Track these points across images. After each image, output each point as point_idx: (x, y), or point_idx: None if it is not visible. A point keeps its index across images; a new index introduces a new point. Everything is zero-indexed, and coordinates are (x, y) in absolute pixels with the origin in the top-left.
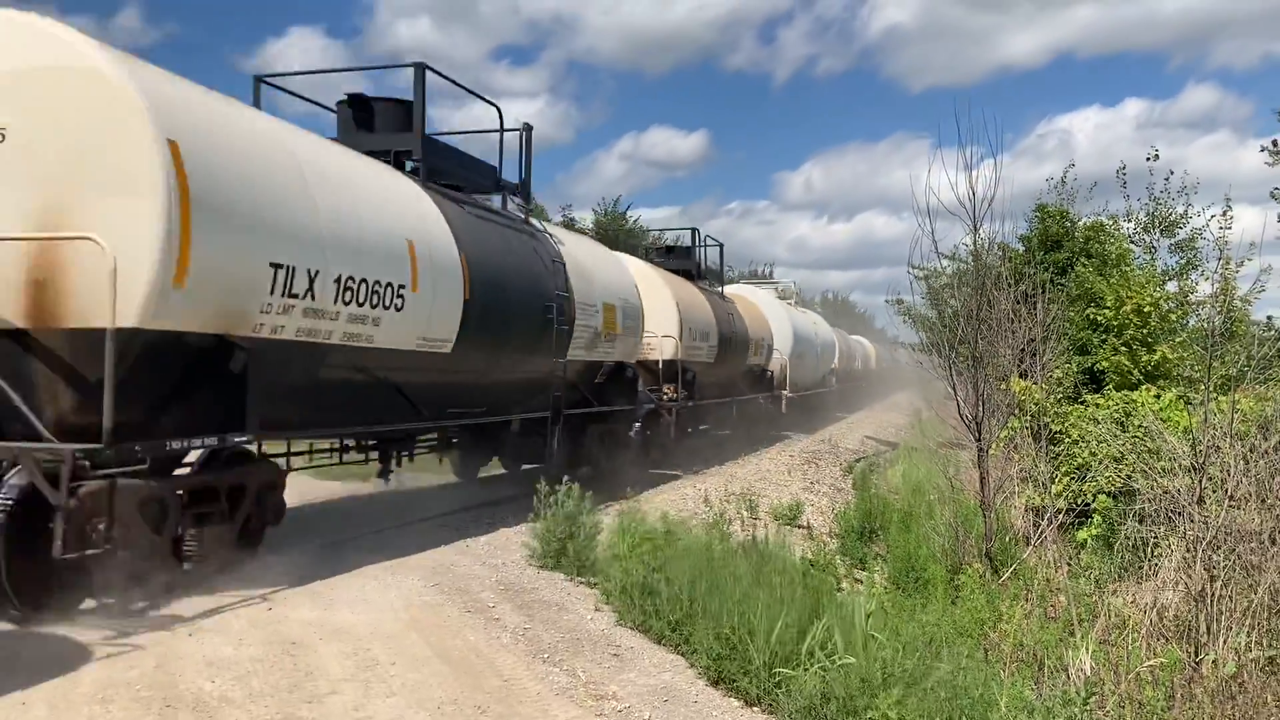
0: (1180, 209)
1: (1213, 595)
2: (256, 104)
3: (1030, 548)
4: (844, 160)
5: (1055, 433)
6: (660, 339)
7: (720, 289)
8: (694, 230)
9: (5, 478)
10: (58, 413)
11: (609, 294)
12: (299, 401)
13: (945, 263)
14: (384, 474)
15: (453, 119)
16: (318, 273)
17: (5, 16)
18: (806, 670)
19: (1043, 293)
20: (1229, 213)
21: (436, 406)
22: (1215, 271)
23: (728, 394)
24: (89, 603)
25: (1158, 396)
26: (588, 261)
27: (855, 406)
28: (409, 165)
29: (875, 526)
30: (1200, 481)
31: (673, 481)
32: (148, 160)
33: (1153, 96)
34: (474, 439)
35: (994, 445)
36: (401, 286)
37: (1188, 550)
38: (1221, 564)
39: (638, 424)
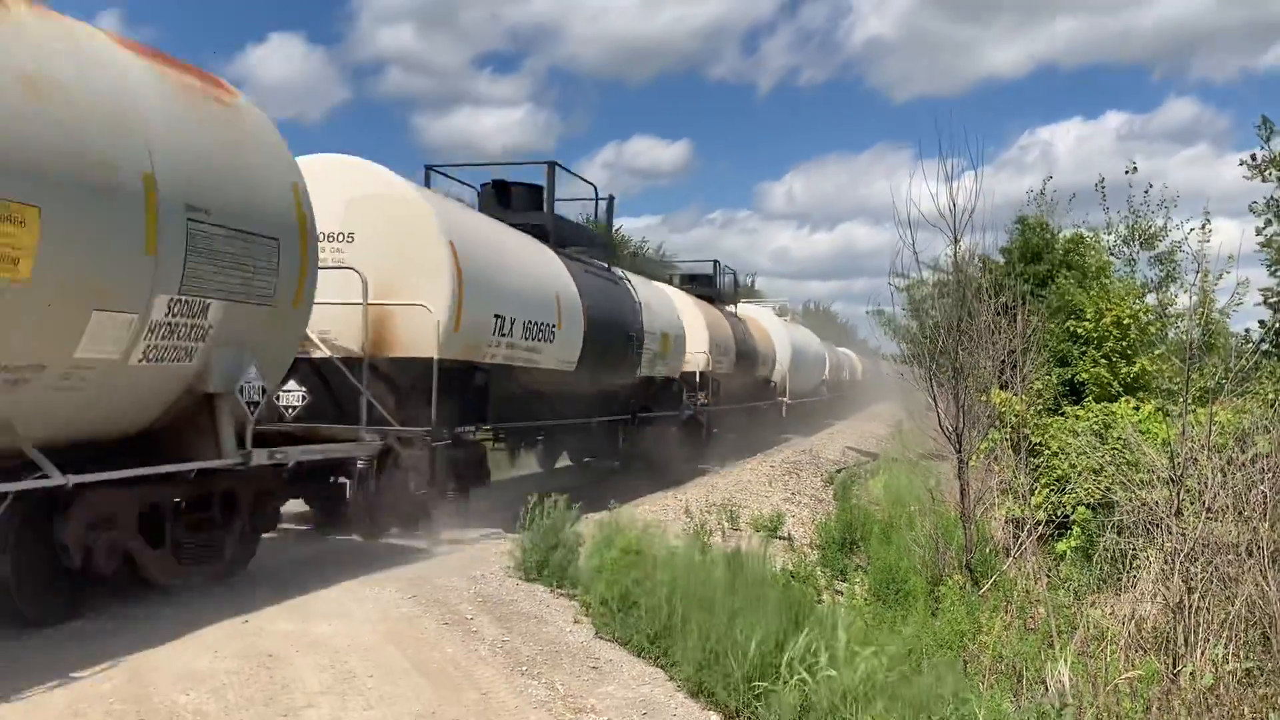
0: (1160, 222)
1: (1190, 607)
2: (427, 183)
3: (1010, 559)
4: (826, 171)
5: (1035, 444)
6: (694, 355)
7: (734, 309)
8: (715, 261)
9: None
10: (386, 409)
11: (664, 324)
12: (506, 404)
13: (926, 274)
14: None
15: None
16: (514, 319)
17: (349, 161)
18: (786, 683)
19: (1023, 304)
20: (1208, 226)
21: (562, 410)
22: (1194, 284)
23: (742, 401)
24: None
25: (1137, 409)
26: (651, 299)
27: (843, 414)
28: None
29: (856, 538)
30: (1178, 494)
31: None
32: (440, 254)
33: (1133, 109)
34: (564, 435)
35: (974, 457)
36: (552, 325)
37: (1166, 562)
38: (1199, 576)
39: (677, 426)
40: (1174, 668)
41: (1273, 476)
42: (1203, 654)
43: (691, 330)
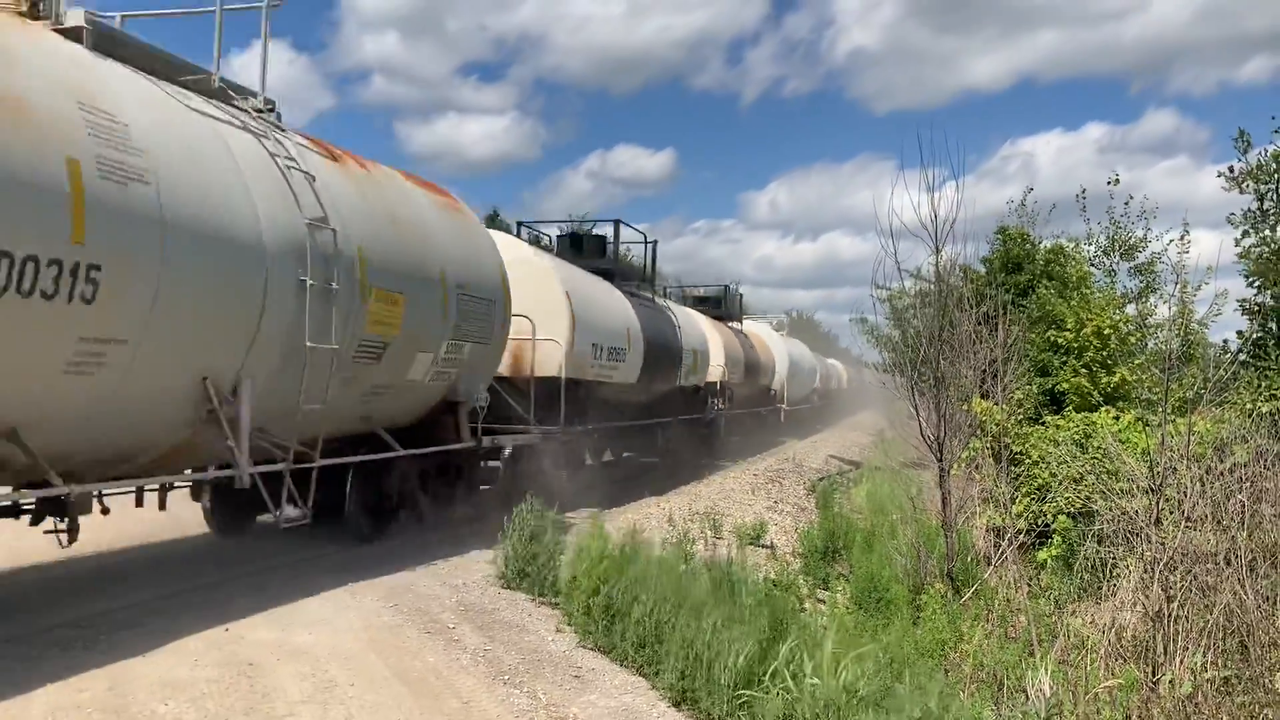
0: (1140, 233)
1: (1170, 616)
2: (517, 233)
3: (991, 568)
4: (809, 181)
5: (1016, 453)
6: (714, 367)
7: (740, 326)
8: (727, 286)
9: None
10: (525, 413)
11: (694, 343)
12: (595, 410)
13: (908, 283)
14: (595, 456)
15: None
16: (602, 346)
17: (505, 239)
18: (769, 691)
19: (1004, 314)
20: (1187, 237)
21: (625, 413)
22: (1173, 295)
23: (748, 407)
24: None
25: (1117, 418)
26: (683, 323)
27: (832, 421)
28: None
29: (838, 546)
30: (1158, 503)
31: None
32: (561, 302)
33: (1114, 121)
34: (626, 433)
35: (956, 466)
36: (624, 350)
37: (1145, 571)
38: (1178, 585)
39: (703, 427)
40: (1153, 676)
41: (1250, 486)
42: (1182, 662)
43: (712, 347)
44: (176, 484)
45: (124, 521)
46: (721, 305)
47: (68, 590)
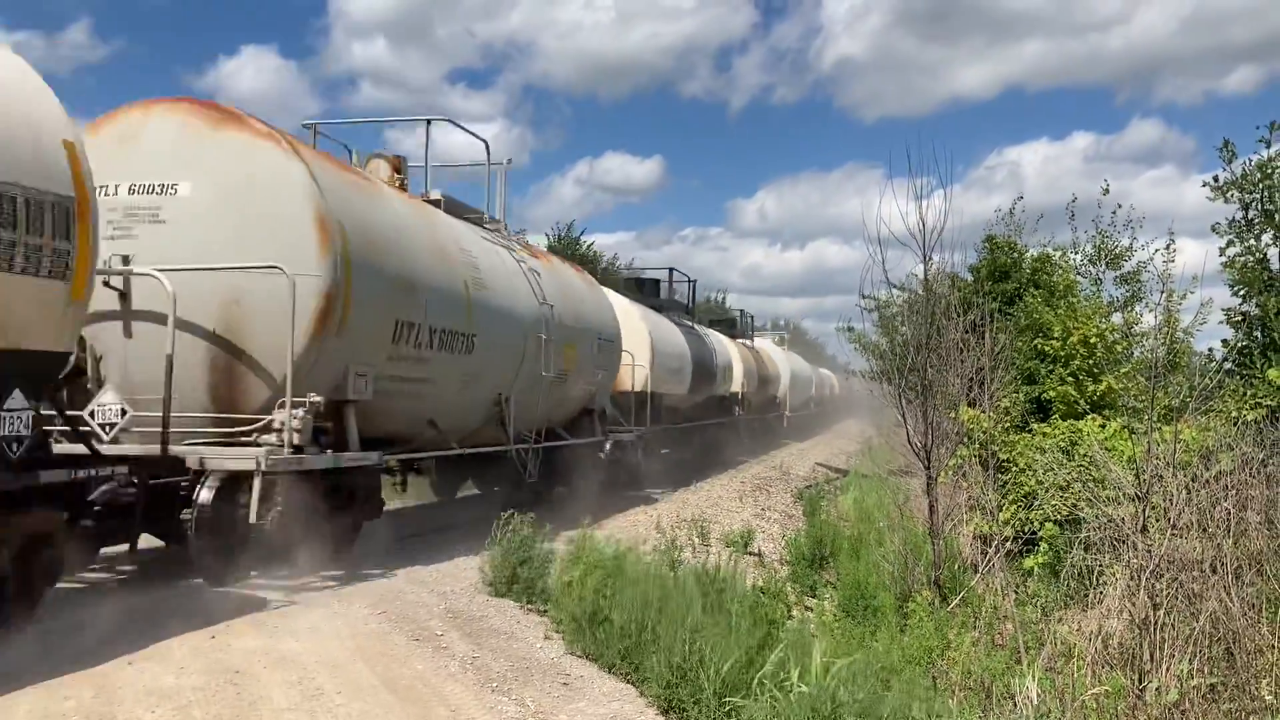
0: (1125, 242)
1: (1156, 623)
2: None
3: (978, 575)
4: (797, 189)
5: (1003, 461)
6: (736, 379)
7: (751, 343)
8: (741, 311)
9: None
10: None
11: (724, 360)
12: (669, 414)
13: (896, 292)
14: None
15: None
16: (669, 367)
17: (607, 291)
18: (757, 700)
19: (991, 322)
20: (1173, 246)
21: (679, 418)
22: (1159, 304)
23: (759, 413)
24: None
25: (1103, 426)
26: (717, 345)
27: (825, 427)
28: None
29: (825, 554)
30: (1144, 510)
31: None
32: (645, 336)
33: (1100, 130)
34: (678, 433)
35: (943, 473)
36: (682, 369)
37: (1132, 578)
38: (1164, 592)
39: (729, 429)
40: (1140, 683)
41: (1236, 494)
42: (1168, 669)
43: (735, 363)
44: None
45: None
46: (736, 326)
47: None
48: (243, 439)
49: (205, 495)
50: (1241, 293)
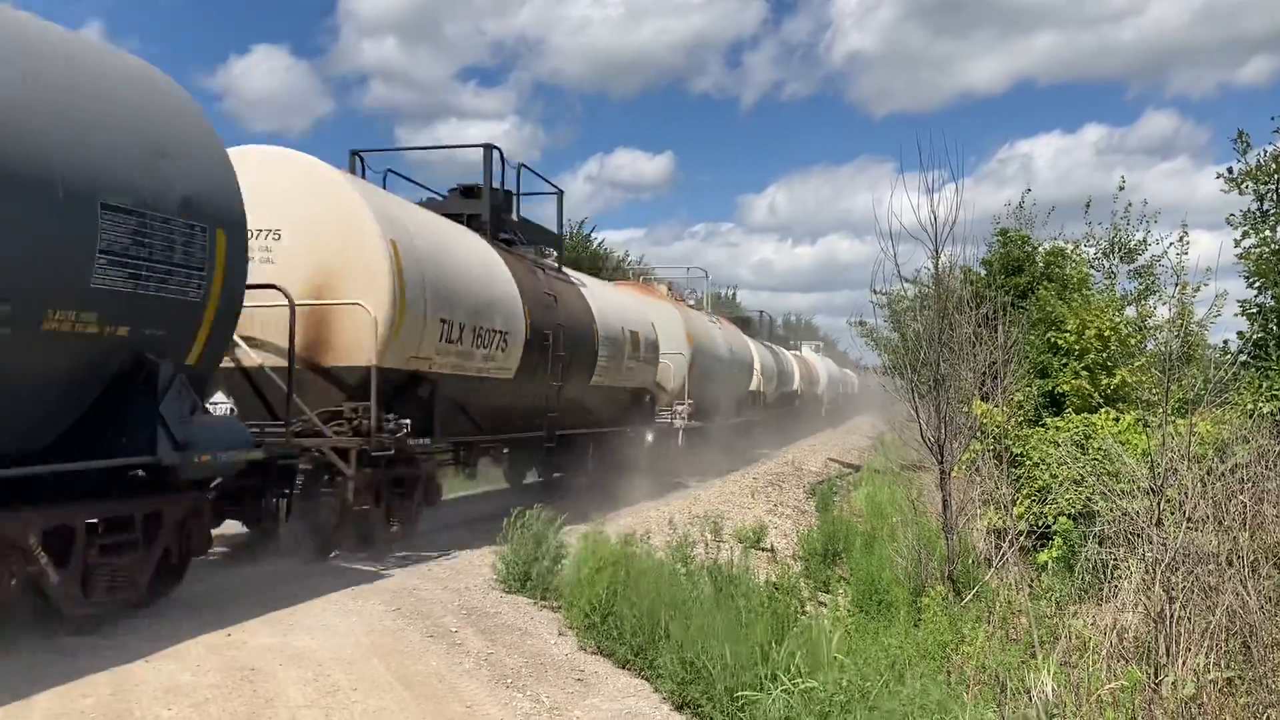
0: (1140, 235)
1: (1172, 617)
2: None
3: (992, 570)
4: (808, 184)
5: (1016, 455)
6: (795, 381)
7: (801, 353)
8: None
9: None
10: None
11: (787, 367)
12: (762, 410)
13: (907, 286)
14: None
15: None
16: (774, 378)
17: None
18: (770, 694)
19: (1004, 316)
20: (1185, 238)
21: (769, 408)
22: (1173, 296)
23: (806, 404)
24: None
25: (1116, 420)
26: (786, 356)
27: (845, 419)
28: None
29: (838, 549)
30: (1158, 504)
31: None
32: (760, 354)
33: (1112, 123)
34: (762, 421)
35: (956, 468)
36: (788, 375)
37: (1147, 572)
38: (1180, 586)
39: (792, 416)
40: (1156, 677)
41: (1252, 486)
42: (1184, 663)
43: (795, 369)
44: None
45: None
46: (788, 342)
47: None
48: (335, 430)
49: (299, 481)
50: (1257, 284)
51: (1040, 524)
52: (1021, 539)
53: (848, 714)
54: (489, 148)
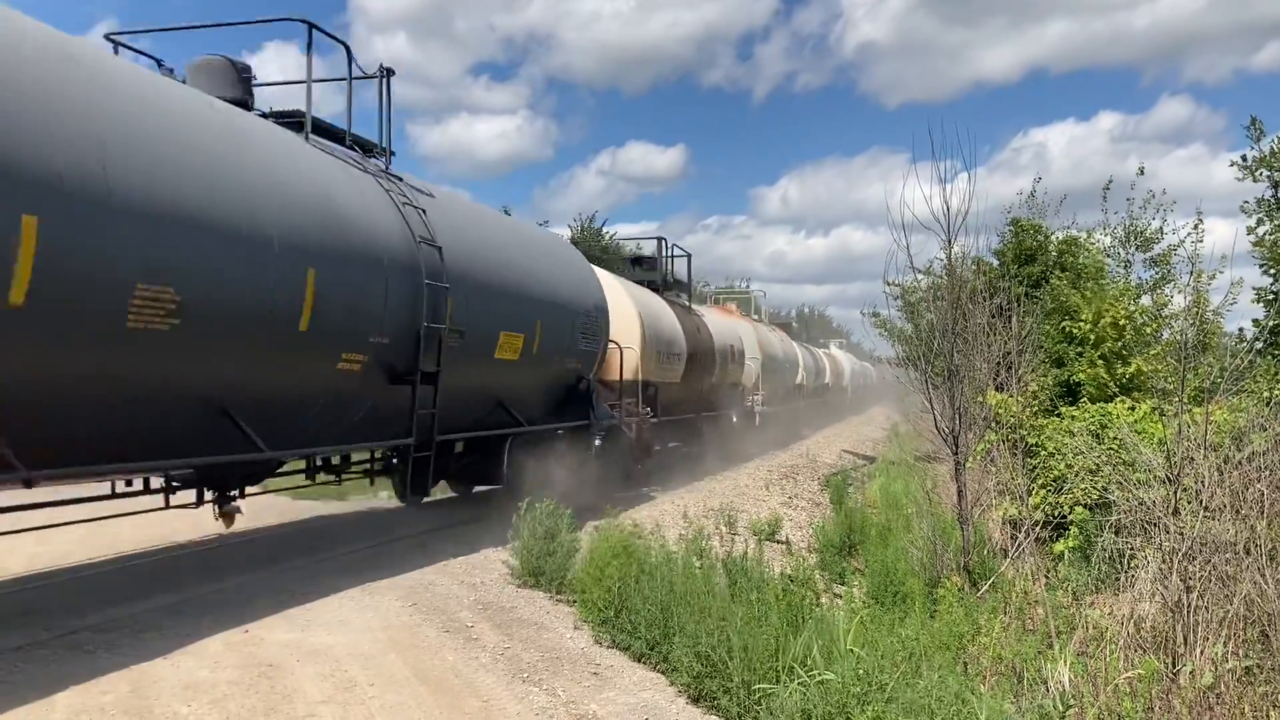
0: (1155, 224)
1: (1189, 606)
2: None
3: (1008, 560)
4: (821, 175)
5: (1031, 445)
6: (828, 375)
7: (829, 350)
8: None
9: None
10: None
11: (821, 364)
12: (805, 400)
13: (920, 277)
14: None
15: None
16: (819, 374)
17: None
18: (787, 687)
19: (1018, 306)
20: (1200, 225)
21: (813, 399)
22: (1188, 285)
23: (836, 394)
24: None
25: (1132, 409)
26: (822, 355)
27: (864, 408)
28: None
29: (854, 541)
30: (1175, 493)
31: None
32: (844, 360)
33: (1126, 110)
34: (809, 408)
35: (971, 458)
36: (826, 371)
37: (1164, 561)
38: (1197, 575)
39: (828, 405)
40: (1174, 667)
41: (1270, 475)
42: (1202, 653)
43: (827, 365)
44: None
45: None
46: (818, 341)
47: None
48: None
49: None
50: (1272, 272)
51: (1056, 514)
52: (1037, 529)
53: (865, 706)
54: (661, 240)
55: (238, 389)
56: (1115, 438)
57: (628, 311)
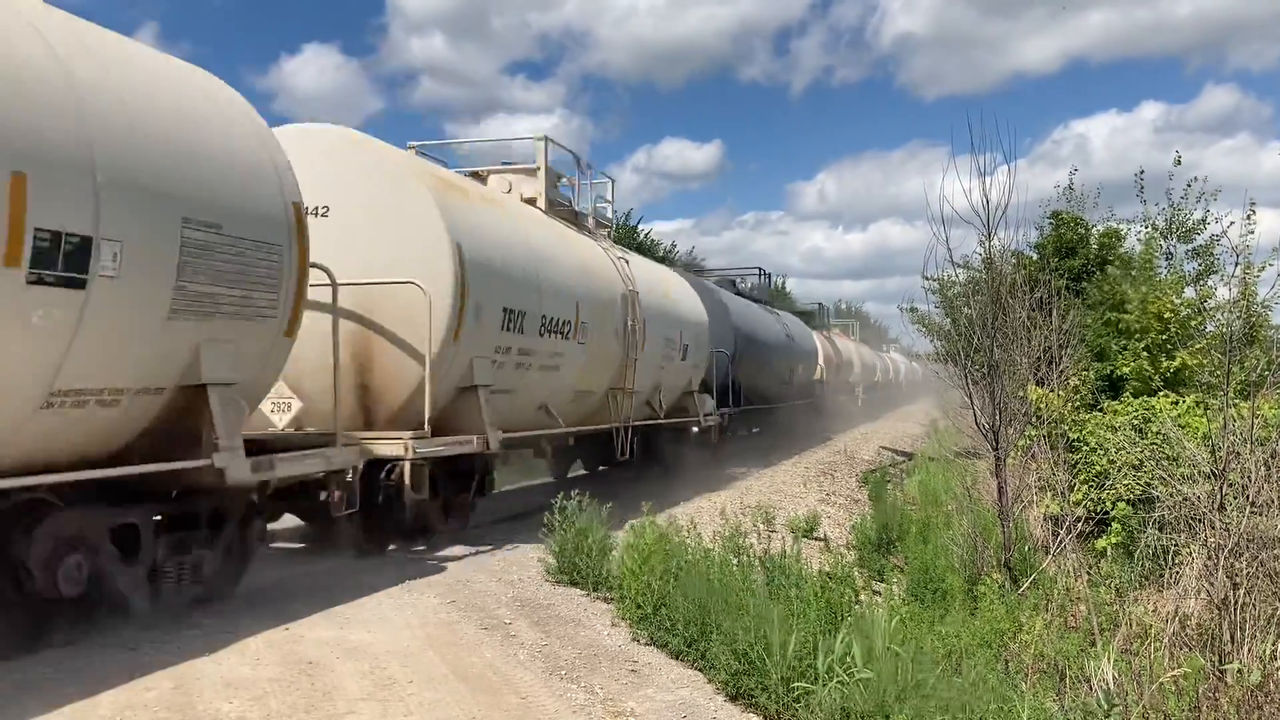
0: (1199, 215)
1: (1236, 603)
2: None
3: (1049, 557)
4: (858, 170)
5: (1073, 441)
6: (889, 372)
7: (887, 350)
8: (855, 317)
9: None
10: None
11: (883, 364)
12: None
13: (959, 271)
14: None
15: None
16: (874, 371)
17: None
18: (825, 685)
19: (1059, 299)
20: (1253, 216)
21: (875, 394)
22: (1234, 275)
23: (893, 388)
24: None
25: (1176, 403)
26: (883, 357)
27: (911, 400)
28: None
29: (892, 538)
30: (1221, 488)
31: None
32: (895, 360)
33: (1170, 100)
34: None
35: (1011, 454)
36: (883, 369)
37: (1209, 558)
38: (1244, 571)
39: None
40: (1220, 665)
41: None
42: (1249, 650)
43: (889, 364)
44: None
45: None
46: (855, 332)
47: None
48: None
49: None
50: None
51: (1098, 510)
52: (1079, 525)
53: (904, 703)
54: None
55: None
56: (1158, 432)
57: (821, 346)
